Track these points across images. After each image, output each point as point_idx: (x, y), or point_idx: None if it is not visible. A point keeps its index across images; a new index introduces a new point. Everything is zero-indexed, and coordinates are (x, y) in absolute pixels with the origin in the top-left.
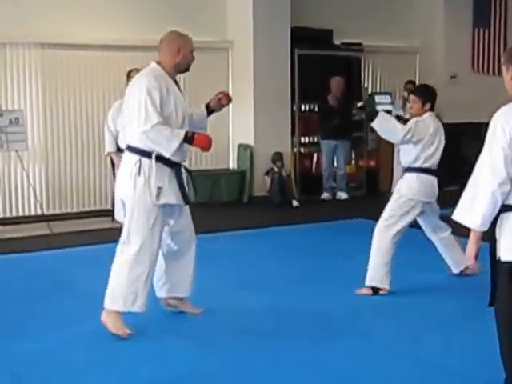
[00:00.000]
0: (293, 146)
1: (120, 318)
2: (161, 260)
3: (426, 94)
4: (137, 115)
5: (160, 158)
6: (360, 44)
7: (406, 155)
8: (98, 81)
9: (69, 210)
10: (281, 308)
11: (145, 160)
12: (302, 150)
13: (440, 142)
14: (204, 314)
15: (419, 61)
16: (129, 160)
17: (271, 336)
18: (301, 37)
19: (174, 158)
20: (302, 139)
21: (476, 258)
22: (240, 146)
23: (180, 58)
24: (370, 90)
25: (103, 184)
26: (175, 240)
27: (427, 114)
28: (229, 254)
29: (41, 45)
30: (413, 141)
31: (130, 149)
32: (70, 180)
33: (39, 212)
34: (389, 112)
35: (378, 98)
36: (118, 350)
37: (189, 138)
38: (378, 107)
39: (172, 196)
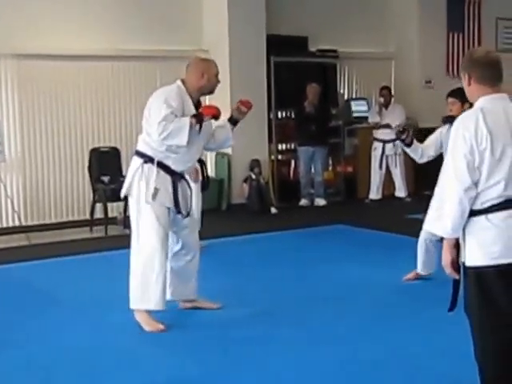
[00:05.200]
0: (270, 153)
1: (148, 316)
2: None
3: (464, 95)
4: (154, 118)
5: (161, 165)
6: (335, 51)
7: None
8: (74, 91)
9: (47, 221)
10: (261, 315)
11: (146, 165)
12: (279, 157)
13: None
14: (183, 323)
15: (394, 66)
16: (134, 164)
17: (252, 343)
18: (276, 44)
19: (175, 167)
20: (279, 146)
21: (453, 265)
22: (217, 154)
23: (204, 82)
24: (345, 97)
25: (81, 194)
26: (180, 244)
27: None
28: (207, 261)
29: (17, 56)
30: None
31: (137, 153)
32: (48, 191)
33: (17, 223)
34: (365, 118)
35: (354, 105)
36: (99, 359)
37: (197, 116)
38: (355, 114)
39: (167, 200)
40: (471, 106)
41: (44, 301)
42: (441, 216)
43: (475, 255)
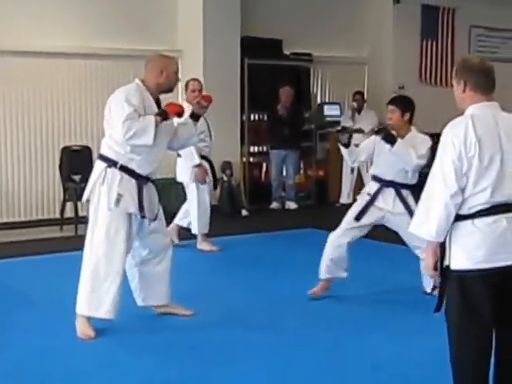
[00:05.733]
0: (242, 156)
1: (86, 322)
2: (134, 269)
3: (406, 104)
4: (116, 118)
5: (125, 169)
6: (309, 54)
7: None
8: (46, 89)
9: (16, 219)
10: (232, 318)
11: (110, 169)
12: (251, 159)
13: None
14: (156, 327)
15: (368, 71)
16: (96, 168)
17: (225, 346)
18: (251, 46)
19: (140, 170)
20: (252, 148)
21: (435, 268)
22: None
23: (163, 79)
24: (319, 100)
25: (51, 193)
26: (147, 249)
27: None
28: (177, 263)
29: None
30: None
31: (100, 157)
32: (18, 188)
33: None
34: (337, 123)
35: (326, 109)
36: (71, 360)
37: (162, 114)
38: (327, 118)
39: (131, 205)
40: (411, 116)
41: (13, 299)
42: (427, 221)
43: (460, 259)
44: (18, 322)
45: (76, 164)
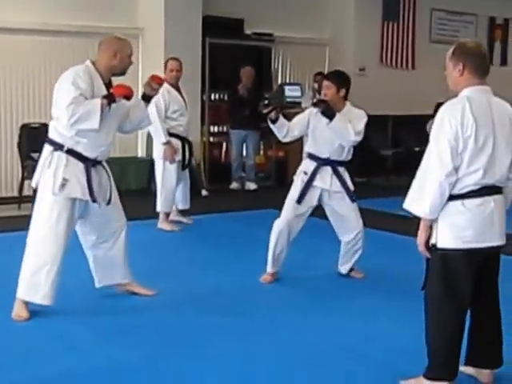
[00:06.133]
0: (202, 135)
1: (22, 305)
2: (88, 252)
3: (341, 79)
4: (61, 102)
5: (72, 152)
6: (271, 34)
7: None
8: (3, 66)
9: None
10: (193, 297)
11: (56, 152)
12: (211, 139)
13: None
14: (117, 308)
15: (329, 53)
16: (44, 152)
17: (187, 328)
18: (212, 25)
19: (87, 153)
20: (212, 128)
21: (426, 245)
22: (149, 134)
23: (116, 61)
24: (280, 81)
25: (9, 171)
26: (96, 234)
27: (349, 105)
28: (136, 243)
29: None
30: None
31: (47, 141)
32: None
33: None
34: (298, 103)
35: (287, 89)
36: (34, 342)
37: (108, 97)
38: (288, 98)
39: (78, 190)
40: (347, 92)
41: None
42: (420, 198)
43: (447, 238)
44: None
45: (35, 142)
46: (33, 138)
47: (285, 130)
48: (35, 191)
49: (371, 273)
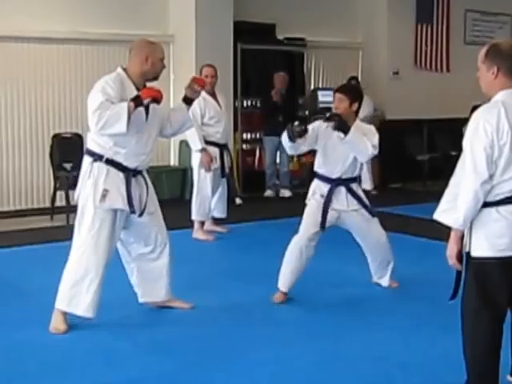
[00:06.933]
0: (235, 143)
1: (61, 317)
2: (132, 265)
3: (355, 93)
4: (89, 110)
5: (112, 162)
6: (303, 39)
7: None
8: (36, 75)
9: (5, 209)
10: (230, 309)
11: (96, 163)
12: (244, 146)
13: None
14: (154, 321)
15: (362, 56)
16: (84, 164)
17: (223, 340)
18: (244, 31)
19: (127, 163)
20: (245, 135)
21: (458, 257)
22: (182, 142)
23: (148, 66)
24: (313, 86)
25: (41, 181)
26: (142, 244)
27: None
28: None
29: None
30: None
31: (87, 152)
32: (7, 177)
33: None
34: (331, 108)
35: (320, 95)
36: (71, 355)
37: (135, 99)
38: (321, 104)
39: (119, 201)
40: (359, 106)
41: (3, 290)
42: (454, 207)
43: (482, 246)
44: (8, 313)
45: (67, 152)
46: (64, 148)
47: (297, 147)
48: (68, 201)
49: (409, 281)
